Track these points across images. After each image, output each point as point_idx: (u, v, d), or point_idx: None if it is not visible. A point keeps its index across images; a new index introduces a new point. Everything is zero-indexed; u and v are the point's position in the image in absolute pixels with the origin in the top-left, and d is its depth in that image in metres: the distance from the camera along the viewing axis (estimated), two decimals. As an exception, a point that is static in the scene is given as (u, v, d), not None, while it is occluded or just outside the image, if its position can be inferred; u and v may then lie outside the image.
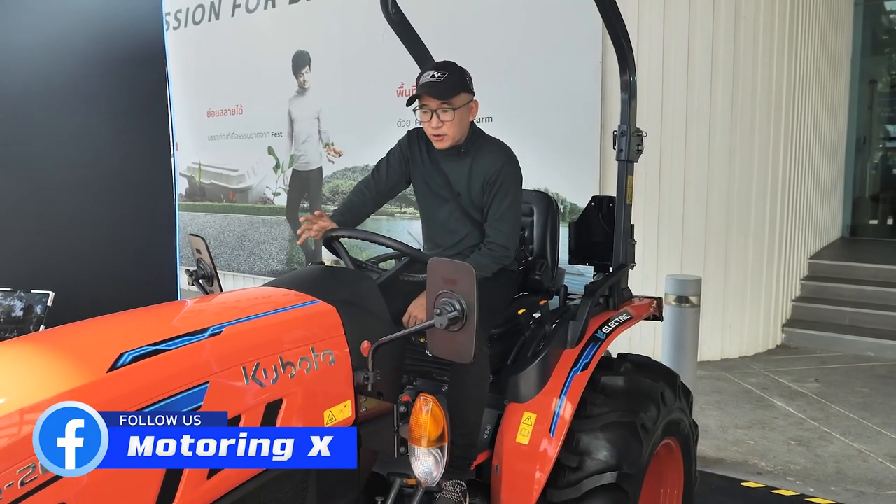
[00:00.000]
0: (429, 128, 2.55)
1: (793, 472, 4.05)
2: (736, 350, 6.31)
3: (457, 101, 2.48)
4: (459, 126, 2.53)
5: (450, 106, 2.47)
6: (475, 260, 2.49)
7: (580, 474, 2.26)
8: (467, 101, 2.53)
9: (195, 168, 9.26)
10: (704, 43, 5.82)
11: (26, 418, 1.33)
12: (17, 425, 1.32)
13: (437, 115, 2.49)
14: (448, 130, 2.51)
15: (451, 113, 2.48)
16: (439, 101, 2.46)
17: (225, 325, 1.73)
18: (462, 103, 2.50)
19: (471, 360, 1.80)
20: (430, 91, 2.47)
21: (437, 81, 2.46)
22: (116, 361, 1.49)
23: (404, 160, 2.73)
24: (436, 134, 2.54)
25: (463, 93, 2.50)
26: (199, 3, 8.73)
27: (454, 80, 2.48)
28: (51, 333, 1.76)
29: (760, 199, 6.23)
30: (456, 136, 2.55)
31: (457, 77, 2.50)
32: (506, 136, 6.35)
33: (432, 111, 2.50)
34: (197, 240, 2.44)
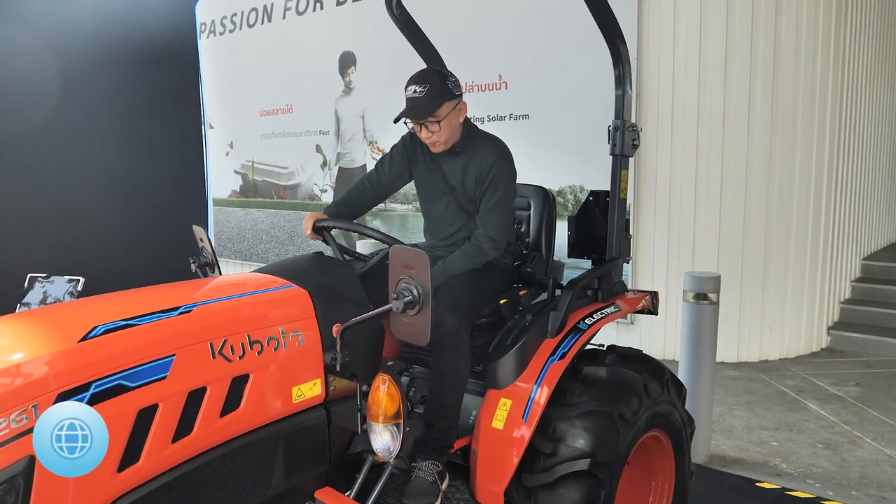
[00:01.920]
0: (422, 138, 2.65)
1: (814, 475, 3.97)
2: (776, 352, 6.16)
3: (441, 112, 2.55)
4: (449, 131, 2.61)
5: (434, 119, 2.55)
6: (464, 251, 2.57)
7: (554, 460, 2.31)
8: (452, 107, 2.58)
9: (248, 165, 9.62)
10: (743, 38, 5.71)
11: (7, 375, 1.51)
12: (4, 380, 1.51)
13: (425, 127, 2.58)
14: (439, 138, 2.60)
15: (438, 124, 2.56)
16: (424, 118, 2.55)
17: (196, 305, 1.87)
18: (447, 112, 2.56)
19: (426, 342, 1.89)
20: (413, 113, 2.55)
21: (418, 98, 2.53)
22: (88, 333, 1.65)
23: (407, 156, 2.83)
24: (429, 142, 2.63)
25: (446, 102, 2.55)
26: (253, 6, 9.07)
27: (434, 93, 2.53)
28: (42, 310, 1.94)
29: (803, 199, 6.07)
30: (449, 140, 2.63)
31: (437, 88, 2.55)
32: (542, 133, 6.46)
33: (421, 124, 2.59)
34: (199, 230, 2.61)
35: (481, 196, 2.64)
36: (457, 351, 2.37)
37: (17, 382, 1.52)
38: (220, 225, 10.13)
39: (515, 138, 6.21)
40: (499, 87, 6.74)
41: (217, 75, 9.47)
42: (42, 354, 1.58)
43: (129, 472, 1.64)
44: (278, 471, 1.95)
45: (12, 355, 1.59)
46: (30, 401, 1.51)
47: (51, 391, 1.53)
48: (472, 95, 6.75)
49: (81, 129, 3.63)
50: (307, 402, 2.01)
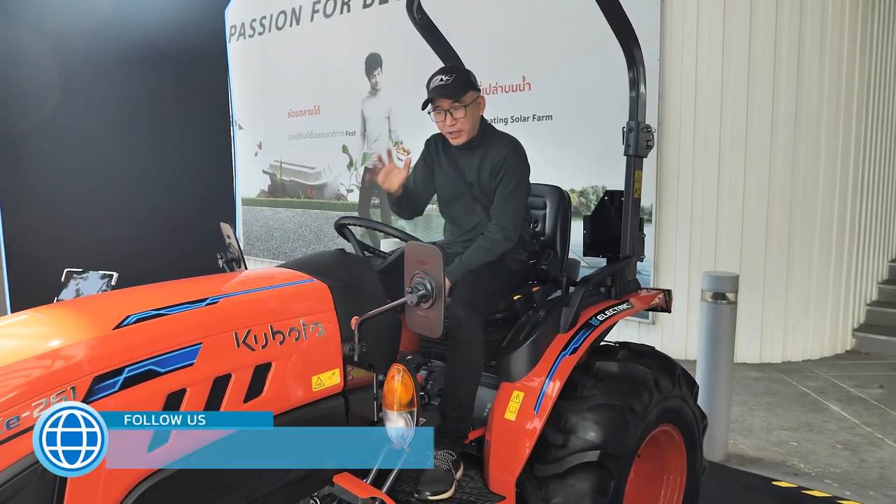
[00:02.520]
0: (444, 126, 2.74)
1: (832, 475, 3.98)
2: (799, 353, 6.14)
3: (466, 99, 2.67)
4: (471, 121, 2.71)
5: (461, 104, 2.66)
6: (478, 245, 2.65)
7: (565, 451, 2.39)
8: (475, 97, 2.72)
9: (277, 166, 9.80)
10: (767, 38, 5.71)
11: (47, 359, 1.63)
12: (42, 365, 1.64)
13: (450, 114, 2.68)
14: (462, 126, 2.70)
15: (463, 110, 2.67)
16: (451, 100, 2.65)
17: (222, 297, 1.99)
18: (471, 100, 2.69)
19: (439, 335, 1.98)
20: (442, 93, 2.66)
21: (446, 84, 2.66)
22: (122, 321, 1.77)
23: (428, 169, 2.94)
24: (451, 131, 2.73)
25: (471, 91, 2.69)
26: (282, 9, 9.24)
27: (461, 80, 2.67)
28: (79, 300, 2.07)
29: (827, 199, 6.04)
30: (469, 132, 2.73)
31: (463, 77, 2.69)
32: (564, 134, 6.51)
33: (445, 111, 2.68)
34: (226, 227, 2.73)
35: (495, 188, 2.73)
36: (471, 345, 2.46)
37: (56, 365, 1.64)
38: (249, 224, 10.32)
39: (538, 139, 6.32)
40: (522, 89, 6.80)
41: (246, 77, 9.65)
42: (79, 340, 1.70)
43: (159, 452, 1.75)
44: (299, 455, 2.05)
45: (52, 341, 1.71)
46: (68, 383, 1.62)
47: (87, 374, 1.65)
48: (496, 97, 6.83)
49: (116, 131, 3.79)
50: (326, 391, 2.11)
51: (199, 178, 4.01)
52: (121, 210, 3.73)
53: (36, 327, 1.86)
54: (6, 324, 1.92)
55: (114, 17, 3.84)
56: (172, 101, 3.99)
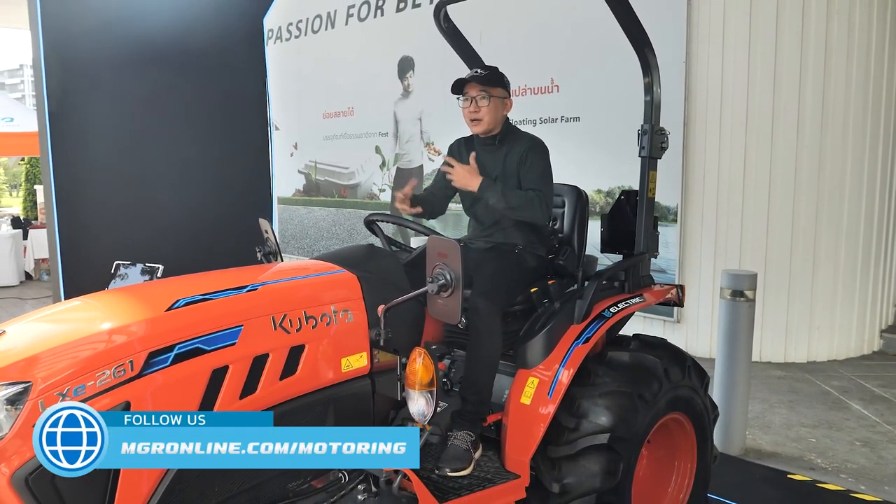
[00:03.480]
0: (468, 113, 2.94)
1: (848, 470, 4.05)
2: (824, 353, 6.18)
3: (494, 92, 2.88)
4: (494, 114, 2.90)
5: (488, 94, 2.86)
6: (526, 193, 2.81)
7: (577, 434, 2.54)
8: (503, 95, 2.93)
9: (311, 166, 10.07)
10: (793, 39, 5.76)
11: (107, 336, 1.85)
12: (105, 340, 1.85)
13: (476, 101, 2.88)
14: (484, 115, 2.90)
15: (488, 100, 2.87)
16: (480, 86, 2.85)
17: (261, 284, 2.20)
18: (499, 95, 2.90)
19: (458, 321, 2.16)
20: (475, 79, 2.90)
21: (481, 74, 2.89)
22: (173, 304, 1.99)
23: (454, 159, 3.11)
24: (473, 119, 2.93)
25: (500, 87, 2.91)
26: (318, 13, 9.51)
27: (494, 76, 2.91)
28: (135, 286, 2.30)
29: (855, 199, 6.07)
30: (490, 122, 2.92)
31: (497, 75, 2.93)
32: (592, 135, 6.64)
33: (472, 98, 2.88)
34: (265, 222, 2.95)
35: (525, 175, 2.90)
36: (490, 334, 2.63)
37: (116, 342, 1.86)
38: (285, 222, 10.62)
39: (566, 140, 6.47)
40: (550, 91, 6.94)
41: (283, 79, 9.94)
42: (136, 320, 1.92)
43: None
44: (328, 427, 2.25)
45: (112, 321, 1.93)
46: (126, 357, 1.84)
47: (143, 350, 1.87)
48: (525, 98, 6.98)
49: (162, 133, 4.05)
50: (354, 372, 2.31)
51: (238, 177, 4.26)
52: (166, 207, 3.98)
53: (96, 309, 2.09)
54: (69, 307, 2.16)
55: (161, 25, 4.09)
56: (215, 105, 4.24)
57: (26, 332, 1.98)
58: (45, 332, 1.97)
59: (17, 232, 11.25)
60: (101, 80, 3.97)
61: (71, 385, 1.76)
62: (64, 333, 1.90)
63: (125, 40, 4.02)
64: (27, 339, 1.93)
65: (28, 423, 1.72)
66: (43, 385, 1.75)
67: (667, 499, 2.97)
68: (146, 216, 3.93)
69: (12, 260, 10.76)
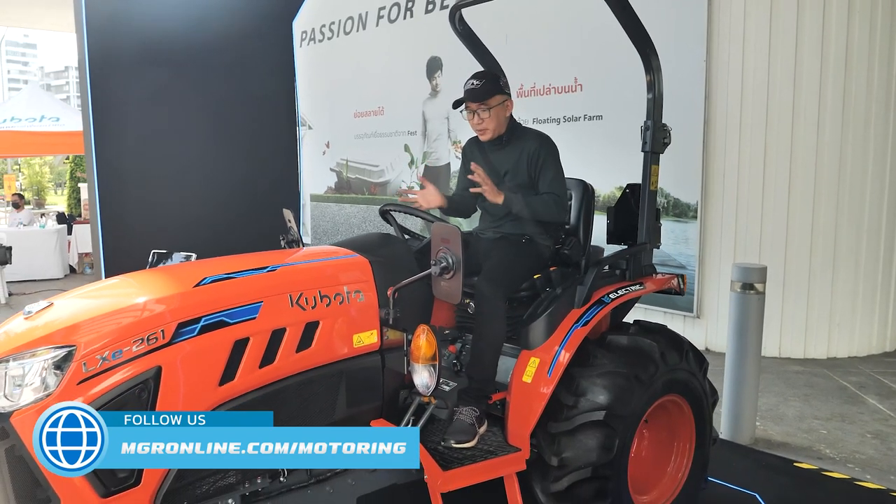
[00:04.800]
0: (473, 124, 3.12)
1: (856, 460, 4.13)
2: (844, 350, 6.21)
3: (492, 102, 3.04)
4: (496, 120, 3.08)
5: (486, 106, 3.02)
6: (543, 198, 3.02)
7: (575, 411, 2.71)
8: (502, 100, 3.08)
9: (343, 164, 10.33)
10: (813, 38, 5.81)
11: (141, 308, 2.08)
12: (140, 310, 2.08)
13: (477, 114, 3.06)
14: (488, 125, 3.08)
15: (488, 111, 3.04)
16: (477, 103, 3.01)
17: (280, 265, 2.42)
18: (497, 103, 3.06)
19: (458, 301, 2.35)
20: (470, 96, 3.07)
21: (475, 88, 3.04)
22: (200, 281, 2.22)
23: (466, 172, 3.31)
24: (478, 129, 3.11)
25: (497, 94, 3.05)
26: (349, 15, 9.76)
27: (488, 86, 3.04)
28: (167, 267, 2.53)
29: (876, 197, 6.09)
30: (495, 129, 3.10)
31: (491, 83, 3.06)
32: (614, 133, 6.75)
33: (473, 111, 3.06)
34: (288, 212, 3.17)
35: (538, 175, 3.09)
36: (495, 316, 2.81)
37: (150, 312, 2.09)
38: (317, 219, 10.90)
39: (589, 138, 6.58)
40: (574, 90, 7.07)
41: (315, 80, 10.21)
42: (167, 294, 2.15)
43: (227, 387, 2.18)
44: (341, 401, 2.46)
45: (147, 295, 2.17)
46: (158, 326, 2.07)
47: (173, 321, 2.09)
48: (549, 97, 7.12)
49: (197, 131, 4.31)
50: (365, 348, 2.51)
51: (268, 173, 4.51)
52: (200, 200, 4.24)
53: (132, 285, 2.33)
54: (108, 283, 2.41)
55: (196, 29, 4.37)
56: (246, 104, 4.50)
57: (71, 304, 2.23)
58: (88, 303, 2.21)
59: (62, 227, 11.73)
60: (141, 82, 4.24)
61: (110, 350, 1.99)
62: (104, 305, 2.14)
63: (163, 44, 4.29)
64: (71, 309, 2.17)
65: (72, 381, 1.95)
66: (85, 350, 1.98)
67: (666, 478, 3.11)
68: (182, 209, 4.19)
69: (57, 254, 11.24)
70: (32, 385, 1.97)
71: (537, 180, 3.09)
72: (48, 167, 38.00)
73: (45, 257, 11.06)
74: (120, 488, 2.01)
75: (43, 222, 11.96)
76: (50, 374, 1.97)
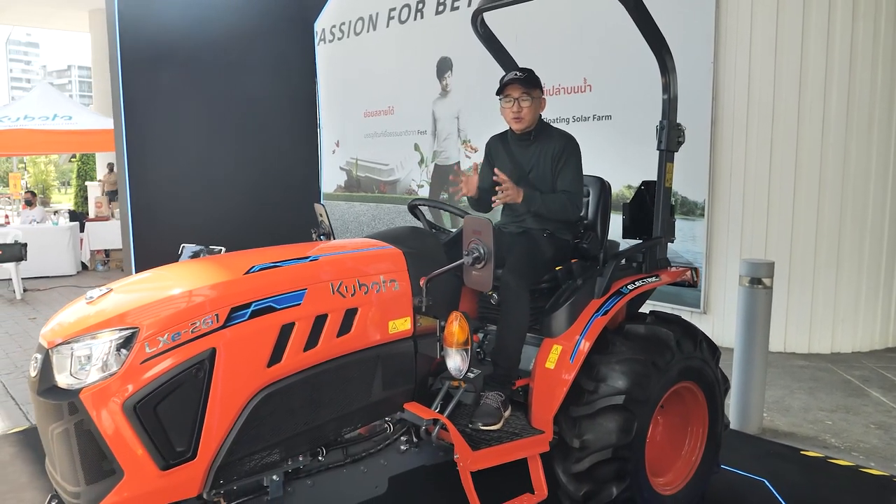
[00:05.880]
0: (510, 112, 3.26)
1: (861, 449, 4.28)
2: (848, 345, 6.35)
3: (534, 93, 3.22)
4: (533, 113, 3.25)
5: (529, 95, 3.19)
6: (558, 197, 3.17)
7: (595, 396, 2.85)
8: (540, 95, 3.27)
9: (353, 163, 10.49)
10: (819, 41, 5.96)
11: (197, 293, 2.23)
12: (197, 296, 2.23)
13: (518, 102, 3.21)
14: (525, 115, 3.24)
15: (529, 101, 3.20)
16: (522, 88, 3.18)
17: (322, 255, 2.57)
18: (537, 95, 3.24)
19: (489, 289, 2.50)
20: (517, 81, 3.21)
21: (521, 77, 3.21)
22: (249, 269, 2.36)
23: (489, 167, 3.46)
24: (515, 116, 3.25)
25: (538, 88, 3.24)
26: (360, 16, 9.92)
27: (532, 78, 3.23)
28: (217, 256, 2.68)
29: (879, 196, 6.23)
30: (530, 121, 3.26)
31: (534, 77, 3.25)
32: (622, 133, 6.93)
33: (514, 99, 3.22)
34: (320, 207, 3.32)
35: (558, 173, 3.24)
36: (519, 305, 2.95)
37: (205, 297, 2.24)
38: (326, 217, 11.04)
39: (598, 138, 6.75)
40: (583, 90, 7.23)
41: (326, 79, 10.37)
42: (220, 281, 2.30)
43: (274, 369, 2.32)
44: (377, 384, 2.60)
45: (202, 281, 2.32)
46: (214, 311, 2.22)
47: (226, 306, 2.24)
48: (559, 98, 7.28)
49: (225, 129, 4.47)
50: (399, 335, 2.66)
51: (290, 169, 4.66)
52: (226, 196, 4.40)
53: (187, 272, 2.48)
54: (163, 271, 2.55)
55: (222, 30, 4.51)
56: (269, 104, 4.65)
57: (130, 290, 2.37)
58: (146, 289, 2.36)
59: (75, 224, 11.89)
60: (170, 82, 4.39)
61: (169, 332, 2.14)
62: (161, 290, 2.29)
63: (190, 44, 4.44)
64: (131, 294, 2.32)
65: (136, 361, 2.10)
66: (147, 332, 2.13)
67: (681, 461, 3.26)
68: (211, 204, 4.34)
69: (70, 251, 11.40)
70: (98, 364, 2.11)
71: (557, 177, 3.24)
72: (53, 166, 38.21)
73: (59, 254, 11.22)
74: (178, 461, 2.16)
75: (55, 219, 12.10)
76: (114, 354, 2.11)
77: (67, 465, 2.15)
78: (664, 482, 3.15)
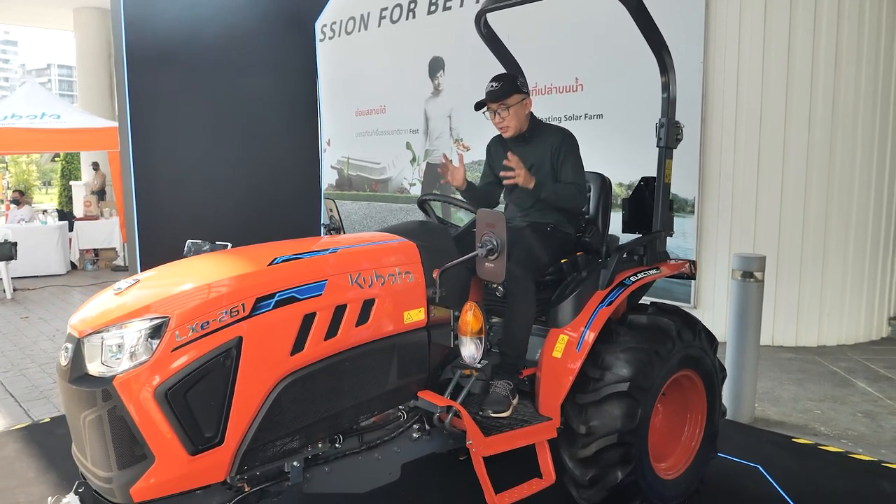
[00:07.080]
0: (495, 123, 3.38)
1: (849, 436, 4.43)
2: (834, 338, 6.52)
3: (510, 101, 3.30)
4: (517, 118, 3.34)
5: (504, 106, 3.28)
6: (566, 187, 3.28)
7: (601, 384, 2.96)
8: (520, 99, 3.34)
9: (344, 161, 10.55)
10: (805, 42, 6.12)
11: (224, 284, 2.31)
12: (223, 286, 2.31)
13: (497, 113, 3.32)
14: (508, 123, 3.34)
15: (507, 110, 3.30)
16: (497, 103, 3.27)
17: (340, 248, 2.65)
18: (515, 102, 3.32)
19: (502, 280, 2.59)
20: (489, 97, 3.33)
21: (494, 89, 3.31)
22: (273, 261, 2.45)
23: (490, 168, 3.57)
24: (500, 127, 3.37)
25: (515, 94, 3.31)
26: (351, 15, 9.98)
27: (506, 87, 3.30)
28: (241, 248, 2.75)
29: (864, 192, 6.41)
30: (516, 126, 3.36)
31: (509, 84, 3.32)
32: (614, 132, 7.07)
33: (494, 111, 3.32)
34: (330, 202, 3.40)
35: (560, 167, 3.34)
36: (525, 296, 3.05)
37: (231, 287, 2.32)
38: (317, 215, 11.11)
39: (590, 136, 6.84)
40: (575, 90, 7.35)
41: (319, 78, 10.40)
42: (246, 272, 2.37)
43: (297, 356, 2.41)
44: (392, 372, 2.69)
45: (228, 272, 2.39)
46: (240, 301, 2.30)
47: (252, 296, 2.32)
48: (551, 97, 7.40)
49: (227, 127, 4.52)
50: (414, 325, 2.75)
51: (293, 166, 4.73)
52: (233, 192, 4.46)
53: (212, 264, 2.55)
54: (189, 263, 2.63)
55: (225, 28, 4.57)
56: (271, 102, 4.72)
57: (157, 280, 2.45)
58: (174, 279, 2.43)
59: (63, 224, 11.84)
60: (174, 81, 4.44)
61: (199, 320, 2.21)
62: (189, 281, 2.36)
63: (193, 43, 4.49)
64: (160, 285, 2.39)
65: (167, 349, 2.17)
66: (177, 321, 2.20)
67: (680, 446, 3.37)
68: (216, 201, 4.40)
69: (59, 250, 11.36)
70: (129, 353, 2.18)
71: (559, 172, 3.34)
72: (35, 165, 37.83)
73: (48, 253, 11.18)
74: (206, 446, 2.23)
75: (44, 219, 12.05)
76: (144, 342, 2.18)
77: (99, 450, 2.22)
78: (665, 467, 3.26)
